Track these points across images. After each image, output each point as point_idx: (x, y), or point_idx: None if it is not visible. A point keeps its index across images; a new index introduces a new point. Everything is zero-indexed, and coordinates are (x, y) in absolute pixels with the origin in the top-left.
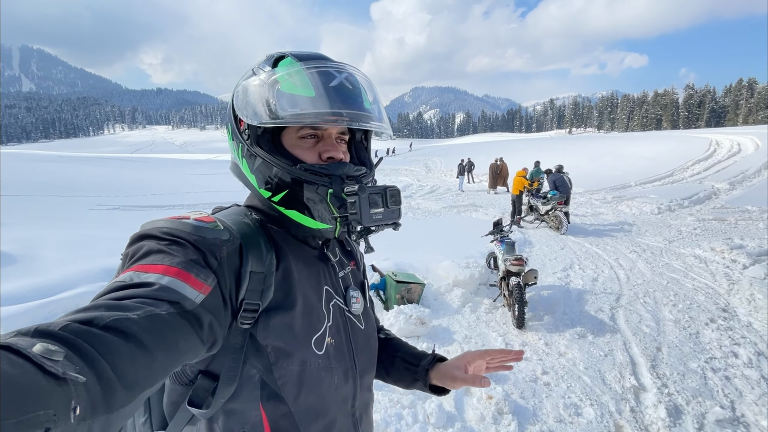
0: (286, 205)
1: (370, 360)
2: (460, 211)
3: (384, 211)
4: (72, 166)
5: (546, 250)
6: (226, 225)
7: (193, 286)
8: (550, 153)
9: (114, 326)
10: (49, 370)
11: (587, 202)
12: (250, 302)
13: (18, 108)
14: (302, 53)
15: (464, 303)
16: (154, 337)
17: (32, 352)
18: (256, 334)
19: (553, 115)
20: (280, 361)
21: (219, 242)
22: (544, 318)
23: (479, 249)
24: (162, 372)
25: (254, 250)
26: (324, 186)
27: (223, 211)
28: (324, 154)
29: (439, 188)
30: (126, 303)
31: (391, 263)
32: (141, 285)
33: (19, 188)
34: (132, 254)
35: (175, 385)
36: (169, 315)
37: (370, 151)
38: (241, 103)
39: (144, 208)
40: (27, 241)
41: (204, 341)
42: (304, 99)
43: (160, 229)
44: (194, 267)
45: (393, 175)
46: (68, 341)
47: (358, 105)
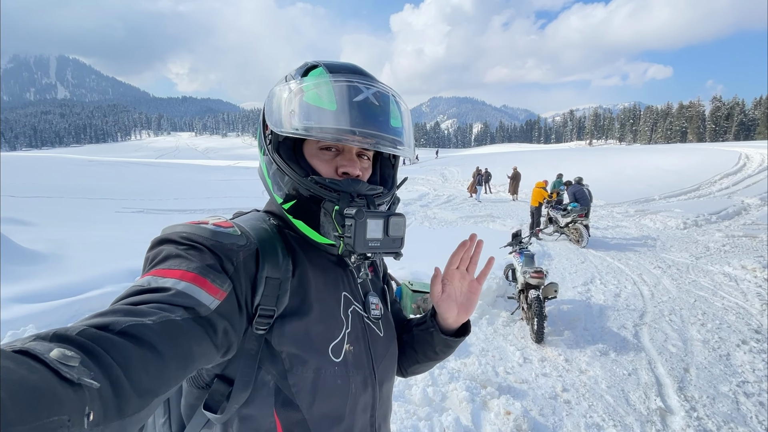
0: (294, 214)
1: (389, 367)
2: (477, 222)
3: (383, 239)
4: (100, 170)
5: (566, 264)
6: (244, 230)
7: (209, 292)
8: (569, 164)
9: (129, 332)
10: (64, 376)
11: (608, 215)
12: (266, 308)
13: (53, 114)
14: (335, 64)
15: (481, 315)
16: (168, 343)
17: (49, 357)
18: (271, 340)
19: (572, 127)
20: (294, 368)
21: (236, 247)
22: (564, 333)
23: (497, 260)
24: (176, 378)
25: (271, 255)
26: (332, 202)
27: (243, 216)
28: (340, 168)
29: (455, 198)
30: (142, 308)
31: (407, 272)
32: (158, 290)
33: (50, 191)
34: (152, 258)
35: (192, 388)
36: (183, 321)
37: (396, 170)
38: (268, 107)
39: (167, 212)
40: (56, 242)
41: (218, 347)
42: (325, 112)
43: (179, 233)
44: (210, 272)
45: (409, 184)
46: (84, 346)
47: (379, 124)
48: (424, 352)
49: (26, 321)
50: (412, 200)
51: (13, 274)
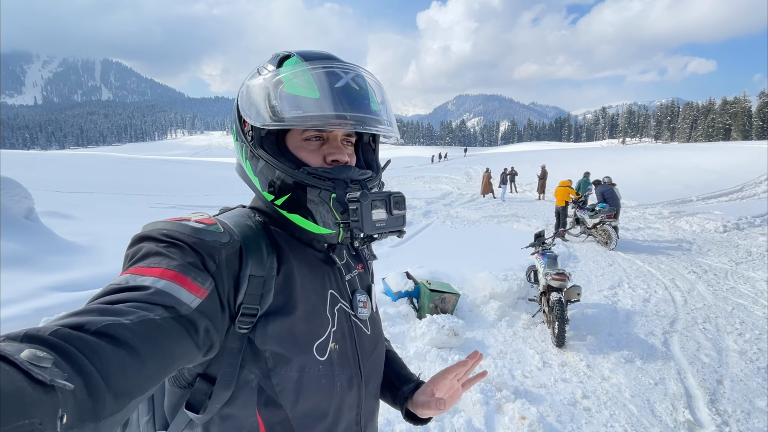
0: (289, 209)
1: (376, 366)
2: (501, 221)
3: (387, 218)
4: (139, 168)
5: (592, 266)
6: (227, 227)
7: (190, 290)
8: (600, 163)
9: (105, 332)
10: (36, 378)
11: (640, 216)
12: (249, 306)
13: (97, 114)
14: (308, 52)
15: (501, 316)
16: (147, 342)
17: (20, 358)
18: (255, 338)
19: (605, 124)
20: (278, 367)
21: (218, 245)
22: (586, 338)
23: (519, 261)
24: (155, 378)
25: (255, 253)
26: (327, 190)
27: (227, 213)
28: (329, 156)
29: (479, 197)
30: (119, 307)
31: (426, 271)
32: (136, 288)
33: (92, 187)
34: (131, 256)
35: (174, 388)
36: (163, 320)
37: (378, 154)
38: (245, 103)
39: (197, 208)
40: (94, 235)
41: (199, 346)
42: (308, 101)
43: (159, 230)
44: (191, 270)
45: (433, 183)
46: (57, 347)
47: (364, 107)
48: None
49: (62, 308)
50: (435, 199)
51: (54, 264)
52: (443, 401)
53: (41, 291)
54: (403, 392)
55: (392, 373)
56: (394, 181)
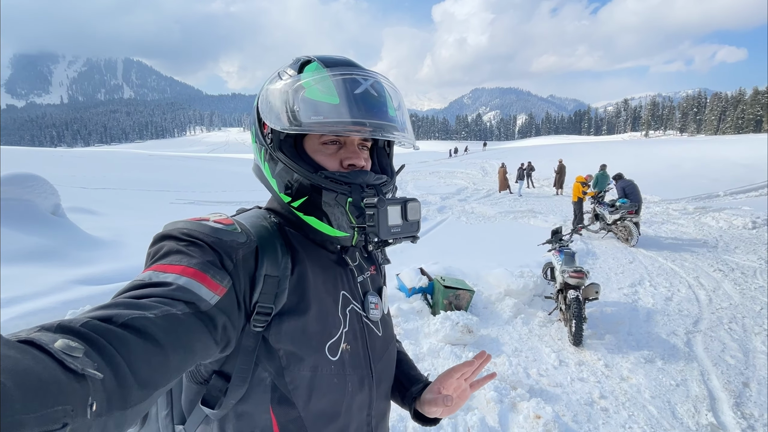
0: (305, 211)
1: (387, 368)
2: (517, 217)
3: (403, 224)
4: (159, 164)
5: (612, 263)
6: (244, 228)
7: (209, 287)
8: (621, 157)
9: (132, 324)
10: (69, 366)
11: (663, 212)
12: (264, 305)
13: (120, 113)
14: (329, 58)
15: (516, 314)
16: (170, 336)
17: (54, 347)
18: (269, 337)
19: (627, 117)
20: (291, 366)
21: (235, 245)
22: (605, 337)
23: (535, 258)
24: (176, 371)
25: (270, 253)
26: (343, 194)
27: (244, 214)
28: (345, 161)
29: (495, 192)
30: (144, 302)
31: (440, 267)
32: (159, 284)
33: (115, 183)
34: (153, 254)
35: (191, 384)
36: (184, 315)
37: (392, 158)
38: (266, 106)
39: (215, 203)
40: (116, 230)
41: (217, 342)
42: (328, 106)
43: (180, 230)
44: (211, 268)
45: (448, 177)
46: (88, 338)
47: (382, 114)
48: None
49: (86, 302)
50: (450, 194)
51: (79, 258)
52: (450, 397)
53: (67, 284)
54: (411, 392)
55: (402, 374)
56: (409, 176)
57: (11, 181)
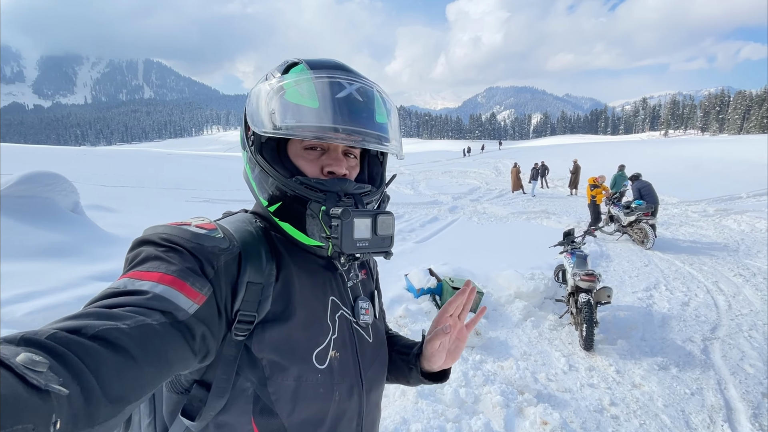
0: (281, 217)
1: (378, 375)
2: (530, 218)
3: (372, 238)
4: (176, 162)
5: (626, 266)
6: (227, 232)
7: (188, 296)
8: (639, 157)
9: (102, 336)
10: (31, 382)
11: (682, 214)
12: (246, 313)
13: (140, 112)
14: (317, 61)
15: (526, 317)
16: (144, 348)
17: (15, 362)
18: (251, 346)
19: (645, 116)
20: (274, 376)
21: (217, 251)
22: (617, 342)
23: (547, 260)
24: (150, 384)
25: (253, 259)
26: (317, 202)
27: (229, 218)
28: (326, 168)
29: (507, 192)
30: (117, 312)
31: (449, 268)
32: (135, 293)
33: (133, 181)
34: (131, 260)
35: (171, 393)
36: (160, 325)
37: (386, 167)
38: (249, 108)
39: (228, 201)
40: (132, 227)
41: (196, 352)
42: (307, 110)
43: (159, 234)
44: (190, 276)
45: (461, 177)
46: (54, 351)
47: (364, 120)
48: (396, 377)
49: None
50: (462, 194)
51: (96, 255)
52: (448, 325)
53: (83, 280)
54: (413, 353)
55: (400, 346)
56: (421, 176)
57: (32, 179)
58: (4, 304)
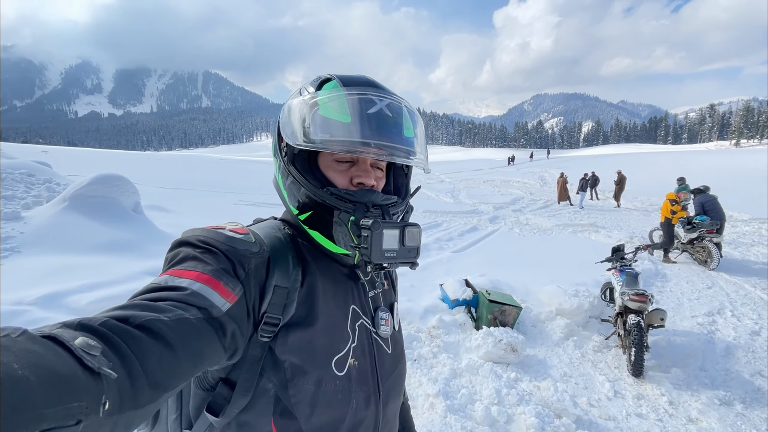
0: (311, 225)
1: (396, 387)
2: (576, 231)
3: (399, 249)
4: (227, 167)
5: (685, 288)
6: (258, 237)
7: (222, 294)
8: (703, 169)
9: (147, 326)
10: (86, 364)
11: (754, 232)
12: (272, 316)
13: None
14: (348, 77)
15: (568, 335)
16: (182, 339)
17: (74, 345)
18: (275, 348)
19: (713, 124)
20: (295, 378)
21: (249, 254)
22: (670, 370)
23: (593, 276)
24: (185, 375)
25: (281, 264)
26: (347, 212)
27: (259, 224)
28: (355, 179)
29: (553, 203)
30: (159, 305)
31: (487, 280)
32: (174, 288)
33: (188, 184)
34: (170, 259)
35: (198, 390)
36: (196, 320)
37: (410, 179)
38: (284, 121)
39: (273, 205)
40: (184, 226)
41: (226, 349)
42: (339, 125)
43: (197, 237)
44: (224, 276)
45: (504, 186)
46: (106, 337)
47: (393, 135)
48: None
49: None
50: (504, 204)
51: (151, 251)
52: None
53: (138, 275)
54: None
55: None
56: (461, 184)
57: (101, 181)
58: (71, 294)
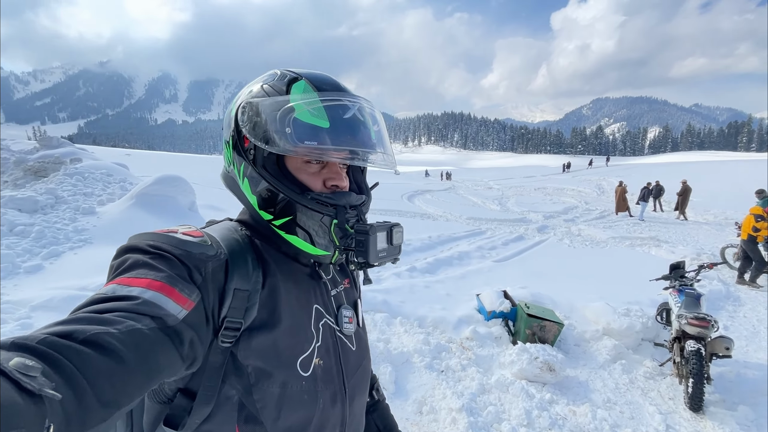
0: (287, 230)
1: (361, 383)
2: (635, 245)
3: (388, 248)
4: None
5: (763, 314)
6: (214, 240)
7: (177, 302)
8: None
9: (94, 340)
10: (24, 387)
11: None
12: (233, 320)
13: None
14: (316, 78)
15: (615, 358)
16: (134, 352)
17: (8, 367)
18: (237, 353)
19: None
20: (260, 383)
21: (204, 257)
22: (737, 408)
23: (650, 295)
24: (140, 389)
25: (240, 266)
26: (329, 216)
27: (214, 226)
28: (329, 181)
29: (610, 214)
30: (107, 316)
31: (528, 293)
32: (124, 298)
33: None
34: (117, 266)
35: (154, 403)
36: (150, 330)
37: (366, 175)
38: (250, 122)
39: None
40: None
41: (184, 358)
42: (319, 131)
43: (146, 242)
44: (179, 282)
45: (556, 195)
46: (46, 356)
47: (368, 139)
48: None
49: None
50: (556, 213)
51: None
52: None
53: None
54: None
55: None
56: (510, 191)
57: (163, 182)
58: None
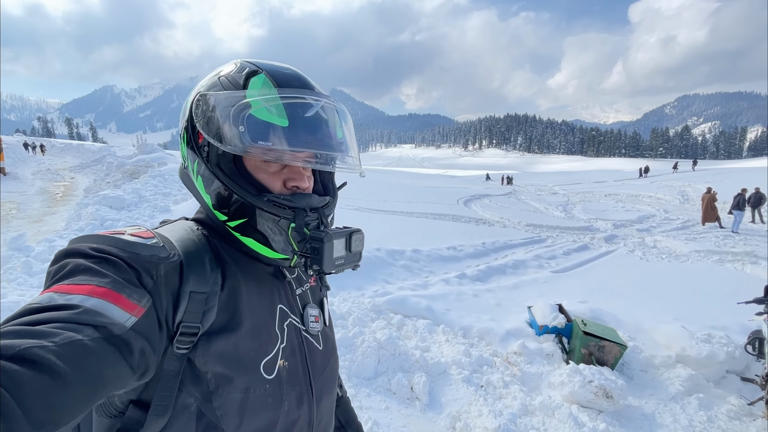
0: (242, 232)
1: (329, 383)
2: (725, 260)
3: (346, 255)
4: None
5: None
6: (166, 241)
7: (124, 308)
8: None
9: (24, 356)
10: None
11: None
12: (189, 325)
13: None
14: (278, 72)
15: (690, 391)
16: (74, 366)
17: None
18: (195, 359)
19: None
20: (220, 389)
21: (156, 260)
22: None
23: (739, 321)
24: (82, 405)
25: (196, 268)
26: (286, 219)
27: (168, 226)
28: (289, 182)
29: (695, 224)
30: (41, 329)
31: (586, 308)
32: (62, 307)
33: None
34: (55, 273)
35: (102, 418)
36: (92, 341)
37: (335, 175)
38: (204, 117)
39: (373, 211)
40: None
41: (134, 369)
42: (276, 130)
43: (88, 245)
44: (126, 287)
45: (629, 201)
46: None
47: (330, 140)
48: None
49: None
50: (628, 222)
51: None
52: None
53: None
54: None
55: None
56: (577, 197)
57: None
58: None
